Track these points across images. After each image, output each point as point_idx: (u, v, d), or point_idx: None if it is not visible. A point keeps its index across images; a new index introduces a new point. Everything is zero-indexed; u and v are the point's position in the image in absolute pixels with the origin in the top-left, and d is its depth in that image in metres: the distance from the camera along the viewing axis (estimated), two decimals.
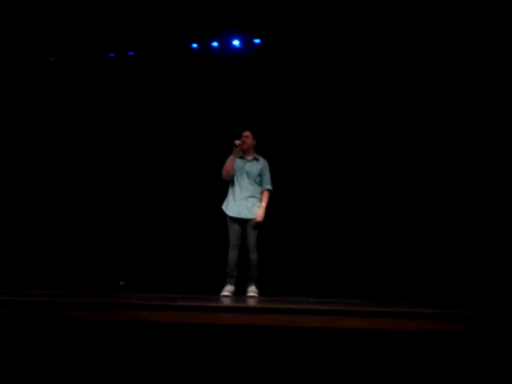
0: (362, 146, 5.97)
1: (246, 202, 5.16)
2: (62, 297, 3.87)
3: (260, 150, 5.36)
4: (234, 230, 5.14)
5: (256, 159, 5.27)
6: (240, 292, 5.11)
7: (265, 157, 5.34)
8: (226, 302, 4.38)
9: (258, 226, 5.12)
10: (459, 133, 5.61)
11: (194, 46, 6.38)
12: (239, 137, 5.24)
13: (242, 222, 5.15)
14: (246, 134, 5.26)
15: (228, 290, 5.05)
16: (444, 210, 5.58)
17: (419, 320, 3.11)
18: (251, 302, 4.36)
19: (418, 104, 5.80)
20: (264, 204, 5.17)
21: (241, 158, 5.26)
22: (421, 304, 4.14)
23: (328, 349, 3.17)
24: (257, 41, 6.26)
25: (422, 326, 3.07)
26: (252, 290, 5.05)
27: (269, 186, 5.23)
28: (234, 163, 5.20)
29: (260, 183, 5.24)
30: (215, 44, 6.34)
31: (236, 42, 6.29)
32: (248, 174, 5.20)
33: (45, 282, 5.73)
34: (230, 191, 5.26)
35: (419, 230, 5.63)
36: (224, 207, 5.25)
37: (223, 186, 5.33)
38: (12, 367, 3.26)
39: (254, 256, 5.07)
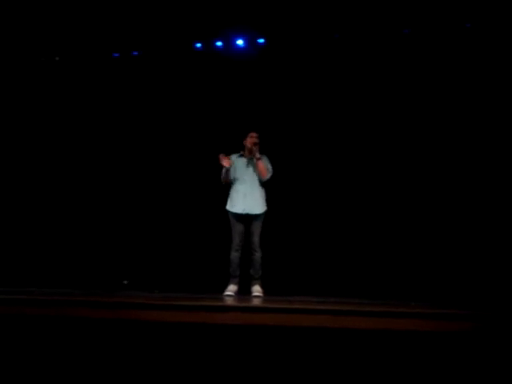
0: (368, 143, 5.96)
1: (253, 198, 5.15)
2: (66, 296, 3.89)
3: (265, 149, 5.35)
4: (238, 230, 5.14)
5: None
6: (243, 291, 5.11)
7: (269, 156, 5.32)
8: (230, 301, 4.39)
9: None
10: (462, 131, 5.62)
11: (198, 45, 6.39)
12: (243, 136, 5.25)
13: (247, 220, 5.15)
14: (256, 134, 5.25)
15: (231, 289, 5.06)
16: (447, 211, 5.60)
17: (420, 320, 3.12)
18: (256, 302, 4.38)
19: (422, 101, 5.80)
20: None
21: (241, 156, 5.26)
22: (423, 304, 4.15)
23: (332, 348, 3.19)
24: (261, 40, 6.27)
25: (423, 326, 3.08)
26: (256, 290, 5.03)
27: (269, 166, 5.22)
28: (230, 172, 5.18)
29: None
30: (219, 43, 6.36)
31: (240, 42, 6.30)
32: (254, 170, 5.20)
33: (49, 280, 5.77)
34: (234, 190, 5.23)
35: (422, 231, 5.64)
36: (228, 207, 5.25)
37: (226, 185, 5.32)
38: (14, 366, 3.29)
39: (258, 254, 5.07)
